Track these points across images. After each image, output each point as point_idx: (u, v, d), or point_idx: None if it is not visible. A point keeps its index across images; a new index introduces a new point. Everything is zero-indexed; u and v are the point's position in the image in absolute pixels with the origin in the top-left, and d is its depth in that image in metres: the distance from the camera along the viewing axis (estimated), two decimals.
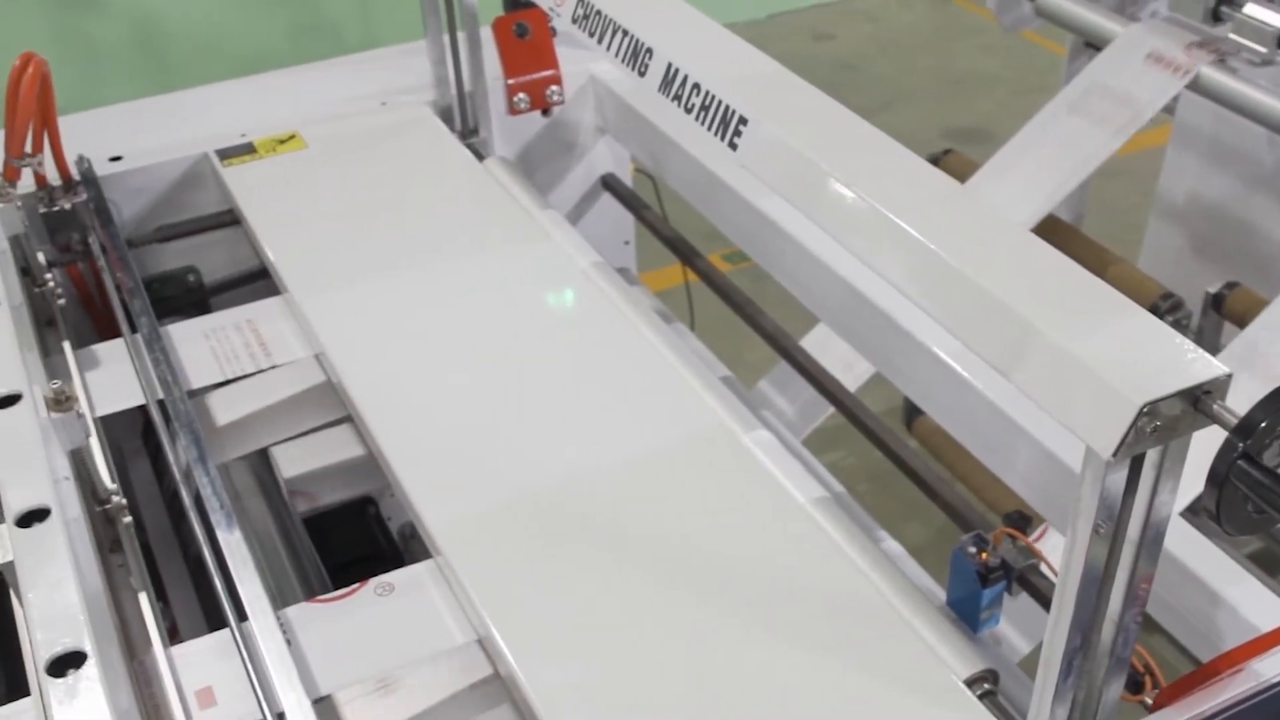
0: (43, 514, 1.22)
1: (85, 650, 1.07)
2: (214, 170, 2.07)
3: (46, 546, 1.18)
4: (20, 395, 1.35)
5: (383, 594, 1.42)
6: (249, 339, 1.81)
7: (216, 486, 1.48)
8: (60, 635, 1.08)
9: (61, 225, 1.96)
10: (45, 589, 1.14)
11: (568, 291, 1.78)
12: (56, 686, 1.04)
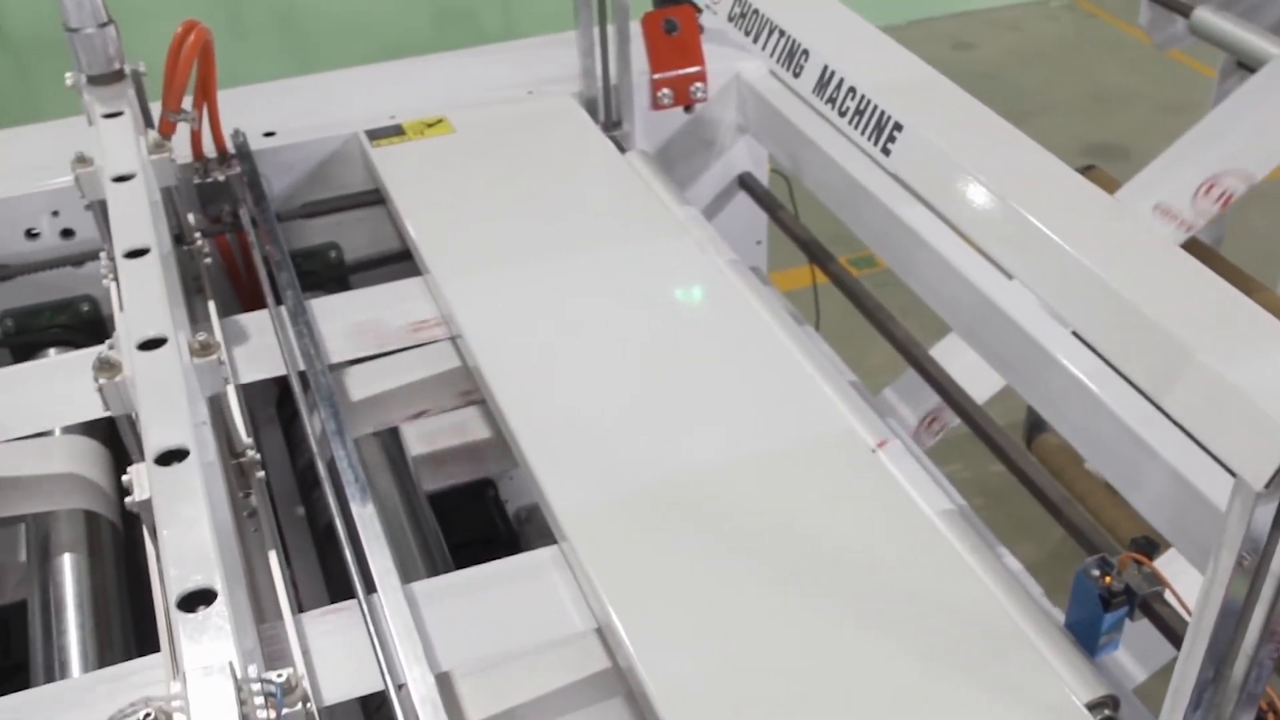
0: (182, 454, 1.22)
1: (215, 589, 1.07)
2: (363, 150, 2.11)
3: (183, 485, 1.19)
4: (166, 339, 1.37)
5: (495, 578, 1.44)
6: (380, 319, 1.84)
7: (352, 460, 1.51)
8: (192, 572, 1.09)
9: (214, 197, 2.01)
10: (180, 526, 1.15)
11: (704, 288, 1.78)
12: (187, 621, 1.05)
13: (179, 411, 1.26)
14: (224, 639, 1.02)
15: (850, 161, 2.03)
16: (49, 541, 1.72)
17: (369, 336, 1.80)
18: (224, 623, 1.04)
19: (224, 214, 2.03)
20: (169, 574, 1.09)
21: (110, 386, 1.33)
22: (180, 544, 1.12)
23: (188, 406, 1.27)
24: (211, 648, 1.01)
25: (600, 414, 1.57)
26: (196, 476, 1.19)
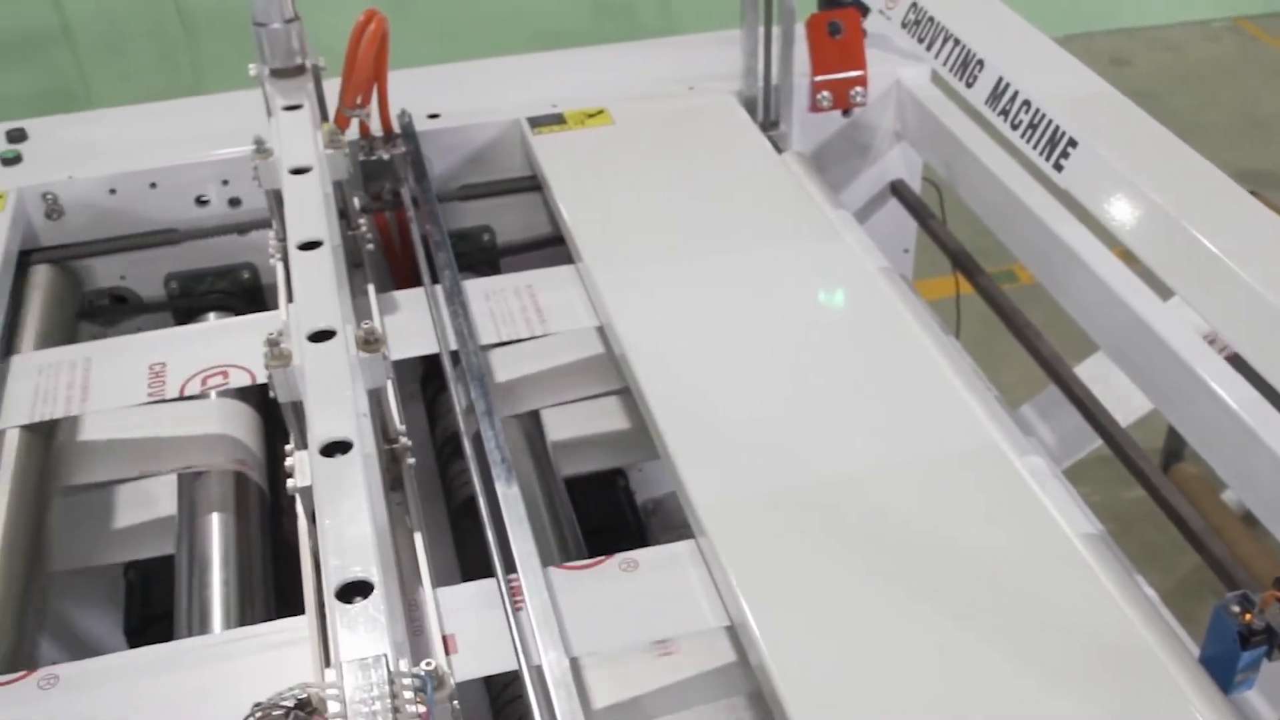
0: (345, 446, 1.26)
1: (373, 581, 1.10)
2: (523, 136, 2.14)
3: (346, 478, 1.22)
4: (335, 331, 1.41)
5: (627, 569, 1.45)
6: (526, 304, 1.86)
7: (500, 441, 1.54)
8: (351, 564, 1.12)
9: (376, 174, 2.05)
10: (341, 518, 1.18)
11: (854, 292, 1.78)
12: (345, 612, 1.07)
13: (344, 404, 1.30)
14: (379, 631, 1.05)
15: (1008, 174, 2.01)
16: (199, 499, 1.78)
17: (507, 321, 1.82)
18: (380, 615, 1.07)
19: (384, 192, 2.07)
20: (328, 563, 1.12)
21: (280, 375, 1.37)
22: (340, 535, 1.16)
23: (353, 399, 1.30)
24: (366, 639, 1.04)
25: (744, 411, 1.57)
26: (359, 469, 1.23)
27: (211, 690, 1.32)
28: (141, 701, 1.31)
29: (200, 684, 1.33)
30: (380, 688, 0.98)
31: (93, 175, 2.07)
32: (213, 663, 1.36)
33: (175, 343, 1.85)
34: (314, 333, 1.40)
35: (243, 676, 1.34)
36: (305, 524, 1.41)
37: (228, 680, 1.33)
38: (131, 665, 1.38)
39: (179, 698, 1.32)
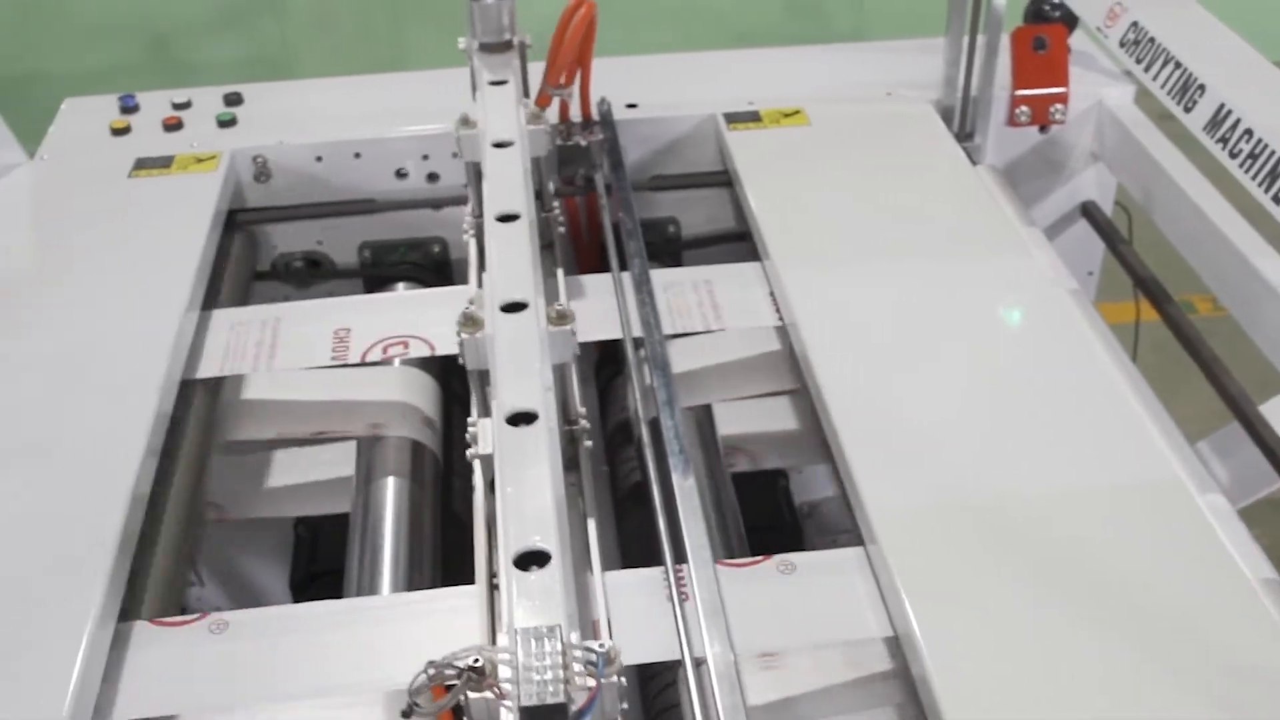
0: (531, 417, 1.27)
1: (551, 552, 1.11)
2: (718, 131, 2.15)
3: (530, 449, 1.23)
4: (527, 303, 1.43)
5: (785, 571, 1.44)
6: (703, 298, 1.87)
7: (679, 431, 1.55)
8: (530, 533, 1.13)
9: (571, 159, 2.09)
10: (523, 487, 1.19)
11: (1042, 312, 1.75)
12: (522, 579, 1.08)
13: (532, 376, 1.32)
14: (554, 602, 1.06)
15: (1209, 203, 1.96)
16: (377, 462, 1.83)
17: (682, 315, 1.83)
18: (556, 586, 1.08)
19: (577, 177, 2.10)
20: (508, 531, 1.14)
21: (470, 342, 1.40)
22: (521, 504, 1.17)
23: (540, 372, 1.32)
24: (541, 609, 1.05)
25: (922, 422, 1.56)
26: (543, 441, 1.24)
27: (378, 649, 1.36)
28: (309, 654, 1.35)
29: (367, 642, 1.37)
30: (553, 658, 0.98)
31: (302, 142, 2.14)
32: (380, 623, 1.40)
33: (362, 309, 1.90)
34: (507, 304, 1.42)
35: (409, 639, 1.37)
36: (481, 492, 1.44)
37: (394, 641, 1.37)
38: (301, 617, 1.43)
39: (345, 654, 1.36)
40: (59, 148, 2.18)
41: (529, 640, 1.00)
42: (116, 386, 1.63)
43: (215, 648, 1.35)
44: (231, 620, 1.38)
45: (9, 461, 1.53)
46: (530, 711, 0.95)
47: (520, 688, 0.96)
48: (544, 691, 0.96)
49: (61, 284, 1.85)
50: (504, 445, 1.25)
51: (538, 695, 0.96)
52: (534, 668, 0.98)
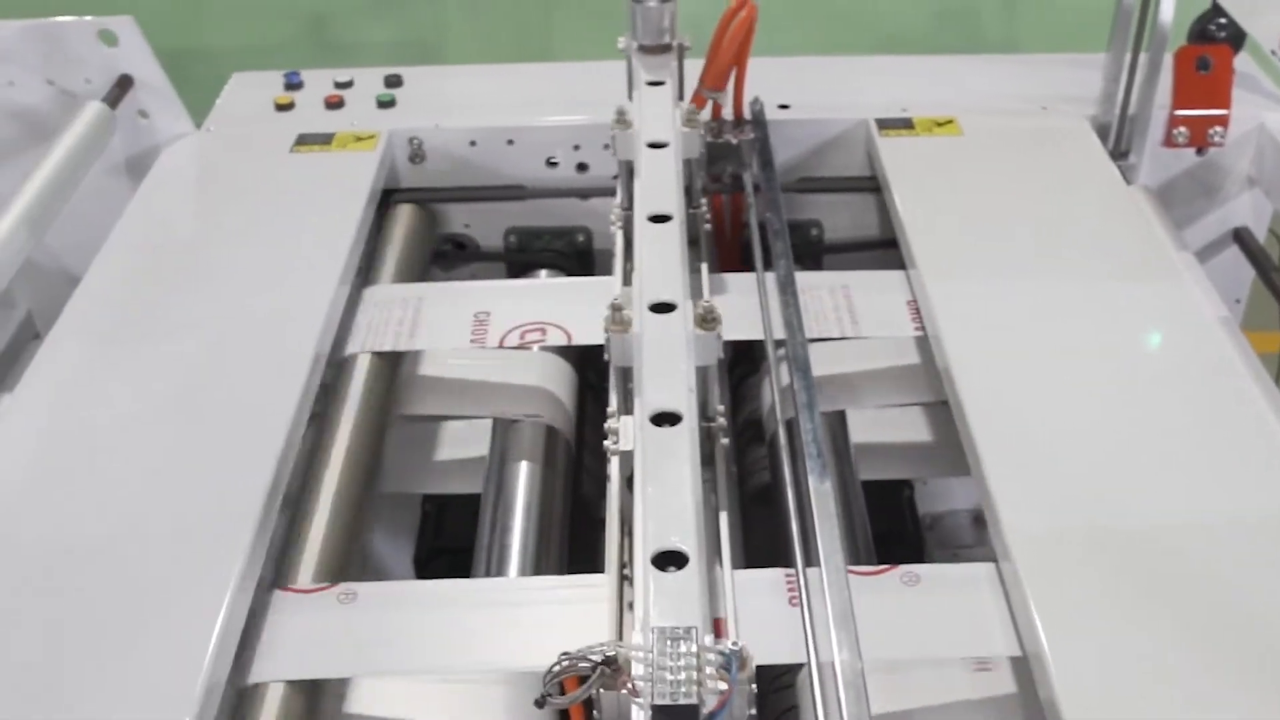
0: (675, 419, 1.28)
1: (689, 555, 1.12)
2: (869, 137, 2.14)
3: (673, 449, 1.25)
4: (676, 305, 1.45)
5: (908, 582, 1.43)
6: (839, 303, 1.86)
7: (818, 435, 1.55)
8: (670, 533, 1.14)
9: (720, 156, 2.09)
10: (664, 487, 1.20)
11: (1191, 339, 1.72)
12: (659, 579, 1.10)
13: (678, 377, 1.33)
14: (691, 604, 1.07)
15: None
16: (511, 445, 1.85)
17: (819, 319, 1.82)
18: (693, 588, 1.09)
19: (725, 175, 2.11)
20: (646, 530, 1.15)
21: (617, 340, 1.42)
22: (661, 503, 1.19)
23: (686, 374, 1.34)
24: (678, 610, 1.06)
25: (1064, 442, 1.54)
26: (686, 443, 1.26)
27: (505, 631, 1.37)
28: (435, 630, 1.38)
29: (495, 623, 1.38)
30: (687, 659, 1.00)
31: (457, 126, 2.18)
32: (508, 605, 1.42)
33: (504, 294, 1.93)
34: (655, 304, 1.44)
35: (536, 624, 1.38)
36: (616, 485, 1.45)
37: (521, 625, 1.38)
38: (430, 593, 1.45)
39: (473, 633, 1.37)
40: (225, 120, 2.25)
41: (664, 640, 1.02)
42: (269, 354, 1.67)
43: (344, 617, 1.38)
44: (360, 592, 1.41)
45: (164, 418, 1.58)
46: (662, 710, 0.97)
47: (654, 686, 0.98)
48: (677, 692, 0.97)
49: (222, 250, 1.91)
50: (646, 444, 1.27)
51: (671, 695, 0.97)
52: (668, 667, 0.99)
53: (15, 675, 1.26)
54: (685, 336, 1.40)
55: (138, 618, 1.31)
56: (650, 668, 0.99)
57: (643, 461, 1.25)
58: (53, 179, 1.93)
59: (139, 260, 1.89)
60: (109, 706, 1.22)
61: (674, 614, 1.05)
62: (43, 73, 2.16)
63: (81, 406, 1.61)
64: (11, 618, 1.33)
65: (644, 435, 1.28)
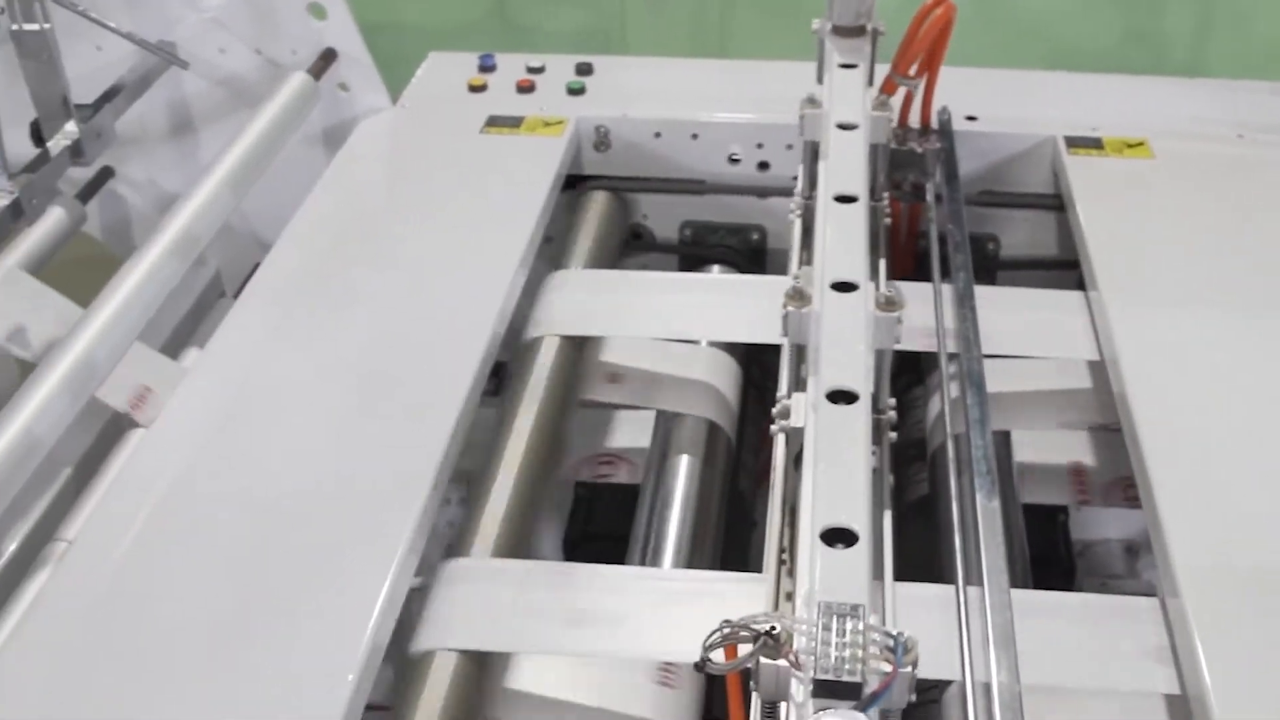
0: (851, 397, 1.26)
1: (858, 533, 1.10)
2: (1055, 154, 2.11)
3: (848, 427, 1.23)
4: (858, 285, 1.43)
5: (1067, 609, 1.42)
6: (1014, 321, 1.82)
7: (989, 452, 1.53)
8: (839, 511, 1.12)
9: (902, 164, 2.08)
10: (836, 464, 1.19)
11: None
12: (828, 554, 1.08)
13: (856, 356, 1.32)
14: (858, 582, 1.05)
15: None
16: (673, 438, 1.87)
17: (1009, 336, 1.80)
18: (862, 566, 1.07)
19: (905, 182, 2.09)
20: (817, 505, 1.14)
21: (795, 315, 1.41)
22: (833, 480, 1.17)
23: (865, 354, 1.33)
24: (844, 587, 1.04)
25: (1243, 481, 1.50)
26: (861, 422, 1.24)
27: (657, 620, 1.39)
28: (587, 612, 1.39)
29: (647, 611, 1.40)
30: (853, 636, 0.98)
31: (644, 117, 2.20)
32: (661, 595, 1.43)
33: (675, 286, 1.95)
34: (838, 282, 1.42)
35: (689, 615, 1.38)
36: (781, 466, 1.44)
37: (674, 615, 1.39)
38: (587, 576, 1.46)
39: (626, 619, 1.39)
40: (420, 97, 2.30)
41: (830, 615, 1.00)
42: (448, 330, 1.71)
43: (511, 593, 1.41)
44: (529, 569, 1.44)
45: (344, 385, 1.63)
46: (824, 685, 0.95)
47: (817, 660, 0.96)
48: (840, 668, 0.95)
49: (410, 225, 1.96)
50: (821, 421, 1.25)
51: (834, 670, 0.95)
52: (832, 643, 0.97)
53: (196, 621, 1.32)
54: (866, 317, 1.38)
55: (308, 576, 1.36)
56: (814, 642, 0.97)
57: (815, 438, 1.23)
58: (255, 145, 2.00)
59: (329, 230, 1.95)
60: (277, 659, 1.27)
61: (841, 590, 1.03)
62: (252, 42, 2.24)
63: (266, 369, 1.67)
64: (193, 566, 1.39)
65: (818, 412, 1.26)
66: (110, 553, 1.40)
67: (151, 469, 1.52)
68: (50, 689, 1.27)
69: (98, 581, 1.37)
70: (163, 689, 1.25)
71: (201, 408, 1.61)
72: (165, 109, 2.33)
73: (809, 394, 1.31)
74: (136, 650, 1.29)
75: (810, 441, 1.24)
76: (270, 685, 1.25)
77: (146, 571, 1.38)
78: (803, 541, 1.13)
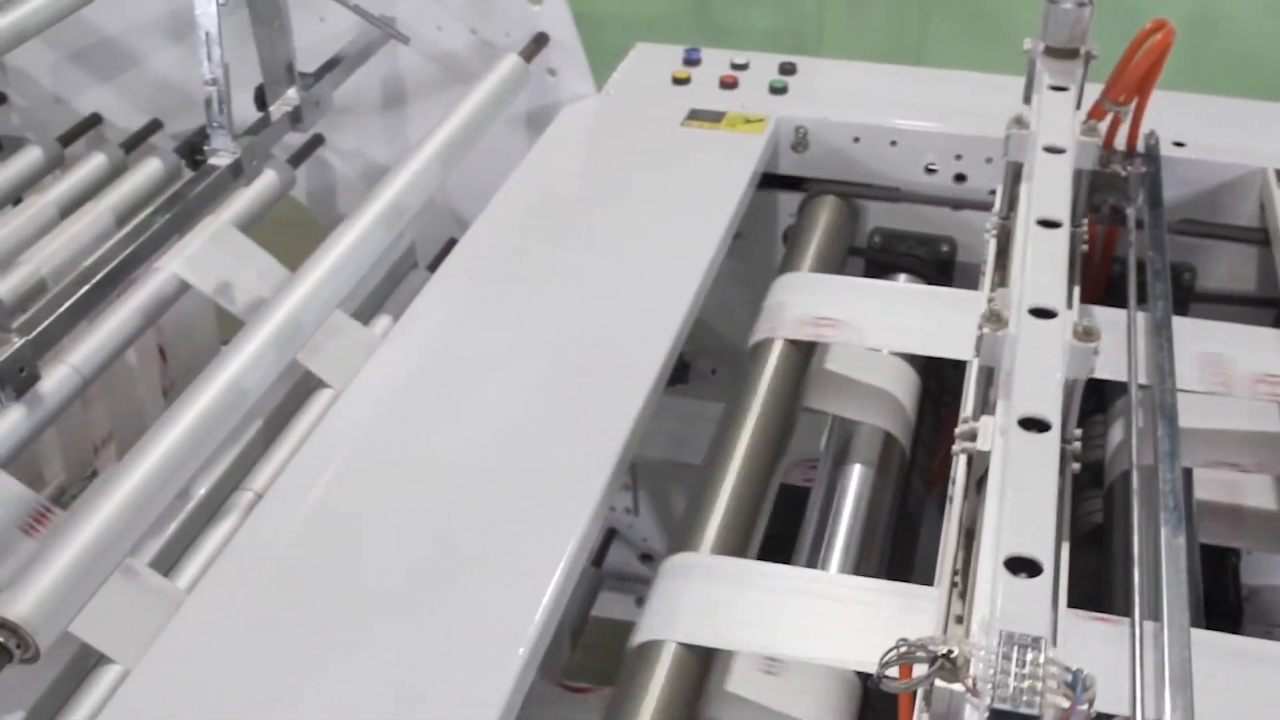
0: (1043, 425, 1.25)
1: (1043, 564, 1.09)
2: (1265, 186, 2.05)
3: (1038, 456, 1.22)
4: (1057, 312, 1.41)
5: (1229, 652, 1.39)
6: (1206, 355, 1.77)
7: (1177, 487, 1.50)
8: (1026, 540, 1.11)
9: (1102, 187, 2.04)
10: (1026, 492, 1.18)
11: None
12: (1010, 583, 1.07)
13: (1051, 384, 1.30)
14: (1042, 614, 1.05)
15: None
16: (849, 445, 1.86)
17: (1209, 370, 1.76)
18: (1045, 598, 1.07)
19: (1104, 205, 2.06)
20: (1002, 532, 1.13)
21: (990, 337, 1.40)
22: (1020, 508, 1.16)
23: (1059, 383, 1.32)
24: (1028, 617, 1.03)
25: None
26: (1053, 451, 1.23)
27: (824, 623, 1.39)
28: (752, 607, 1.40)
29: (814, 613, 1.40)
30: (1032, 668, 0.97)
31: (845, 120, 2.20)
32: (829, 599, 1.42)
33: (873, 293, 1.94)
34: (1036, 308, 1.41)
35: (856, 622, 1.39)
36: (960, 488, 1.44)
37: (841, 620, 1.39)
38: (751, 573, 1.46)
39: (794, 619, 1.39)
40: (624, 87, 2.33)
41: (1010, 645, 1.00)
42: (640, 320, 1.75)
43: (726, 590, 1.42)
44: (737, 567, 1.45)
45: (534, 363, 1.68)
46: (1000, 715, 0.95)
47: (995, 689, 0.96)
48: (1018, 699, 0.95)
49: (606, 211, 2.00)
50: (1011, 447, 1.24)
51: (1012, 701, 0.95)
52: (1011, 673, 0.97)
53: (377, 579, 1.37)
54: (1063, 345, 1.37)
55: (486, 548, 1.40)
56: (993, 670, 0.97)
57: (1003, 464, 1.22)
58: (465, 123, 2.05)
59: (529, 210, 2.00)
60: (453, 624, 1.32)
61: (1021, 620, 1.03)
62: (469, 21, 2.29)
63: (460, 342, 1.72)
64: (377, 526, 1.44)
65: (1008, 438, 1.25)
66: (299, 507, 1.46)
67: (344, 430, 1.58)
68: (239, 633, 1.33)
69: (287, 533, 1.43)
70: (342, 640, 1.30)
71: (396, 374, 1.66)
72: (378, 82, 2.40)
73: (997, 418, 1.30)
74: (317, 602, 1.35)
75: (997, 467, 1.24)
76: (445, 649, 1.29)
77: (333, 527, 1.44)
78: (983, 567, 1.13)
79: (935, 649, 1.02)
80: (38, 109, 2.62)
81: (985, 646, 1.00)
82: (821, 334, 1.81)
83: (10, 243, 1.93)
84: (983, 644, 1.01)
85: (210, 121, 1.72)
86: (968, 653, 1.01)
